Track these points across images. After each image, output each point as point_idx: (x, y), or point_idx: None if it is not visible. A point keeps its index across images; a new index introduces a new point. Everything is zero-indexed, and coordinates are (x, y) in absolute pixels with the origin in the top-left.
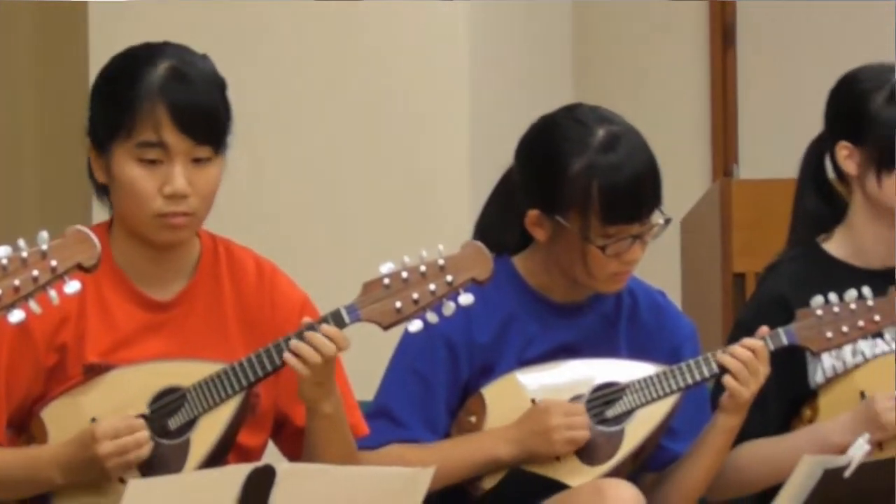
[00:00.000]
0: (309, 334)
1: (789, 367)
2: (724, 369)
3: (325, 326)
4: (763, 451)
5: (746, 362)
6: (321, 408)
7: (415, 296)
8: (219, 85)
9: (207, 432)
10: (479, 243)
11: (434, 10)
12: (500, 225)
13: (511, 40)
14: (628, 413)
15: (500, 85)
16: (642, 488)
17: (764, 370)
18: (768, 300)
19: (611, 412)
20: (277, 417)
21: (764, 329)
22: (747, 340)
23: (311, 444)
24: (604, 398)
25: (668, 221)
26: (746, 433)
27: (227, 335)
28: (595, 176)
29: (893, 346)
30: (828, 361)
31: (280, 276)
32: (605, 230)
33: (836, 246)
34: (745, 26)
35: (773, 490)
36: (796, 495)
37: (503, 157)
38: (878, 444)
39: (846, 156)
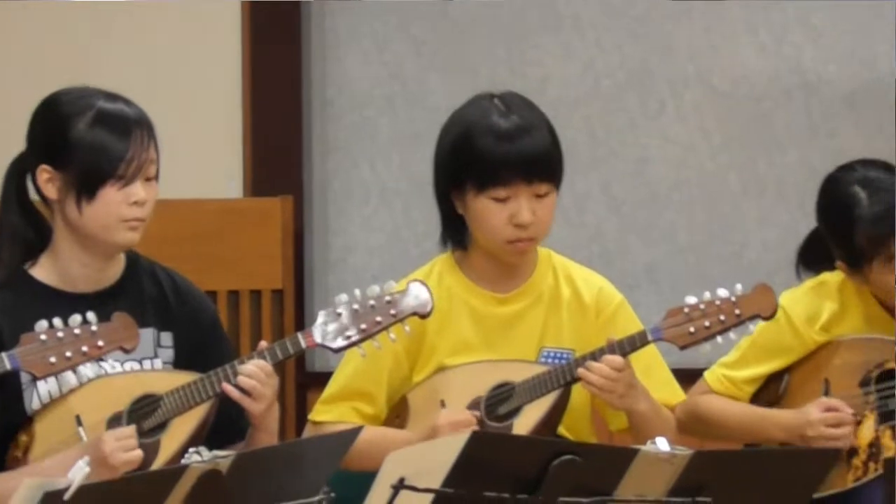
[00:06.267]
0: None
1: (3, 394)
2: None
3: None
4: None
5: None
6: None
7: None
8: None
9: None
10: None
11: None
12: None
13: None
14: None
15: None
16: None
17: None
18: None
19: None
20: None
21: None
22: None
23: None
24: None
25: None
26: None
27: None
28: None
29: (113, 369)
30: (43, 387)
31: None
32: None
33: (43, 272)
34: None
35: None
36: None
37: None
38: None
39: (47, 179)
